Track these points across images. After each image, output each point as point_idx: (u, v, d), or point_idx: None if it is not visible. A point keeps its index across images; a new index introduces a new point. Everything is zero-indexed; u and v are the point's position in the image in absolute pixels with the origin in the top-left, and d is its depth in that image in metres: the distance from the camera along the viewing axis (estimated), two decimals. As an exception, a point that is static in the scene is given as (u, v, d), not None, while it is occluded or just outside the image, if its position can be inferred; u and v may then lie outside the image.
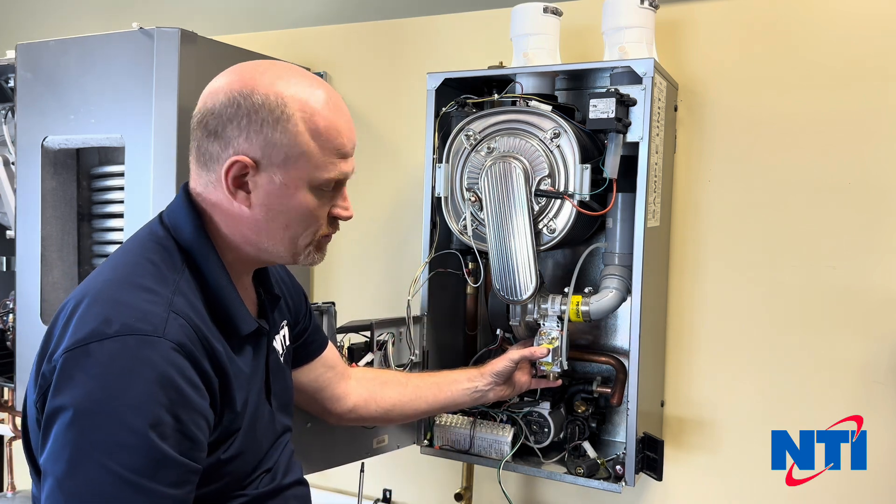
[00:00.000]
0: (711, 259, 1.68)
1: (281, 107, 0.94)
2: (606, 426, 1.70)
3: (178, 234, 0.99)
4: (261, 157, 0.95)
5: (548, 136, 1.45)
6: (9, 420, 2.33)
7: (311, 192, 0.99)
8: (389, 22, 2.05)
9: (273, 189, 0.97)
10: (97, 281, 0.94)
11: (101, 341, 0.84)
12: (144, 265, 0.95)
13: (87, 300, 0.90)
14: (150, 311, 0.88)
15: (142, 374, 0.84)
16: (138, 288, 0.91)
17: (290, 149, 0.95)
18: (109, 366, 0.83)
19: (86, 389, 0.83)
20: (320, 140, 0.97)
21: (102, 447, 0.81)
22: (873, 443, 1.55)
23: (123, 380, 0.83)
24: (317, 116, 0.96)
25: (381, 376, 1.43)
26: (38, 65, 1.80)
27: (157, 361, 0.85)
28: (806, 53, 1.59)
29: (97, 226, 1.90)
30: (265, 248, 1.01)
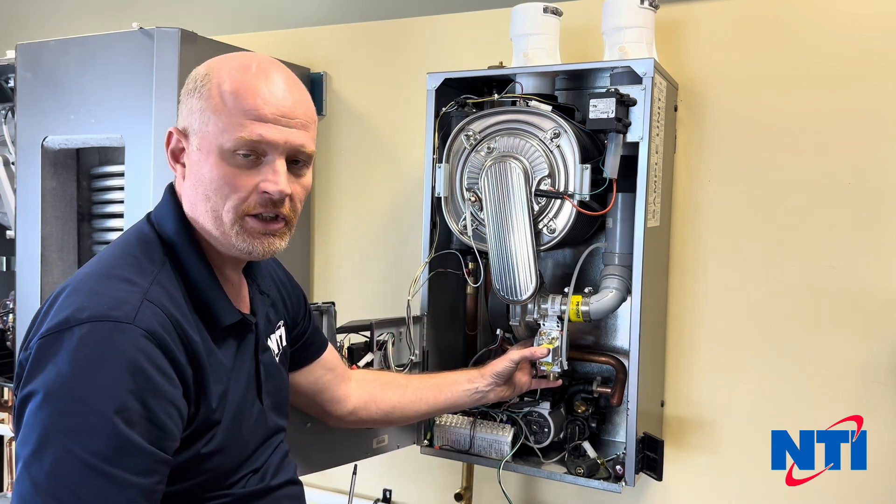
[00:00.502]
0: (711, 259, 1.68)
1: (205, 76, 0.97)
2: (606, 426, 1.70)
3: (161, 228, 1.01)
4: (186, 126, 0.98)
5: (548, 136, 1.45)
6: (9, 420, 2.33)
7: (223, 158, 0.95)
8: (389, 22, 2.05)
9: (194, 157, 0.97)
10: (79, 273, 0.95)
11: (72, 328, 0.85)
12: (125, 258, 0.96)
13: (66, 291, 0.91)
14: (123, 300, 0.88)
15: (111, 359, 0.84)
16: (116, 279, 0.92)
17: (202, 113, 0.96)
18: (79, 351, 0.84)
19: (55, 374, 0.83)
20: (230, 99, 0.94)
21: (68, 431, 0.81)
22: (873, 443, 1.55)
23: (92, 365, 0.83)
24: (232, 79, 0.95)
25: (380, 378, 1.43)
26: (38, 65, 1.80)
27: (126, 347, 0.85)
28: (806, 53, 1.59)
29: (97, 226, 1.91)
30: (200, 226, 0.99)
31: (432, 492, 1.99)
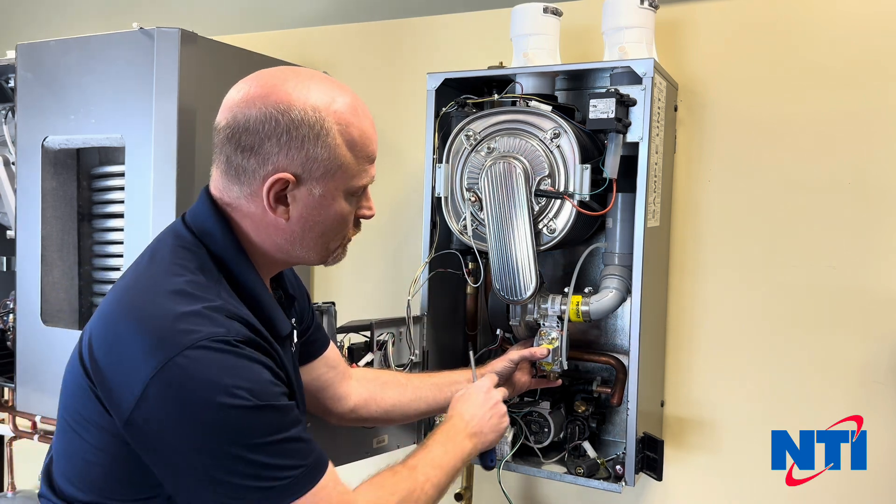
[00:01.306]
0: (711, 259, 1.68)
1: (320, 122, 0.95)
2: (606, 426, 1.70)
3: (208, 241, 0.99)
4: (301, 172, 0.96)
5: (548, 136, 1.45)
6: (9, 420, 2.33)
7: (345, 200, 1.01)
8: (389, 22, 2.05)
9: (312, 201, 0.98)
10: (136, 299, 0.92)
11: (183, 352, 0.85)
12: (183, 275, 0.94)
13: (134, 320, 0.89)
14: (214, 319, 0.89)
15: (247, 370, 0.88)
16: (186, 297, 0.91)
17: (329, 162, 0.97)
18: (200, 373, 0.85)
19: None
20: (355, 150, 0.99)
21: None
22: (873, 443, 1.55)
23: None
24: (351, 127, 0.98)
25: (381, 377, 1.43)
26: (38, 65, 1.80)
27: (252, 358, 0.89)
28: (806, 53, 1.60)
29: (97, 226, 1.90)
30: (297, 254, 1.03)
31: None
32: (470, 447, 1.22)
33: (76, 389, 0.94)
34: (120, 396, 0.87)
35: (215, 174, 1.01)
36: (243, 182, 0.97)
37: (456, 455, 1.18)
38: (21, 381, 1.89)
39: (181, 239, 1.00)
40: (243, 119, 0.95)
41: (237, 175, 0.97)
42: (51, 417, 1.95)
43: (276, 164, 0.95)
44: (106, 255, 1.88)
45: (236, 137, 0.95)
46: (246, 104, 0.95)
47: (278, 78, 0.97)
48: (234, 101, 0.97)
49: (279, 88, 0.95)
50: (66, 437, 0.96)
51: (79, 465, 0.94)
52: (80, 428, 0.93)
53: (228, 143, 0.96)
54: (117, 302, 0.93)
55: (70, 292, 1.91)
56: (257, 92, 0.96)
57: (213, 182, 1.02)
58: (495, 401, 1.31)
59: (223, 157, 0.98)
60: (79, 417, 0.93)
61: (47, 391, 1.86)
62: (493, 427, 1.28)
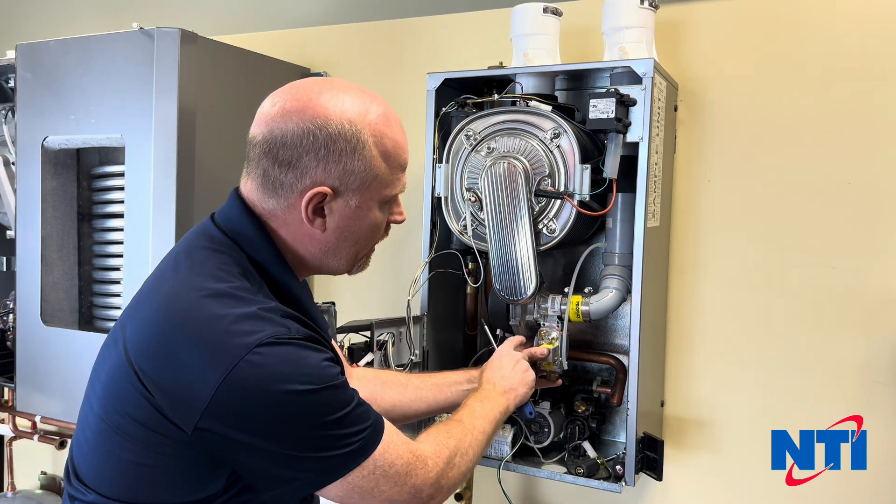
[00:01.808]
0: (711, 259, 1.68)
1: (356, 135, 0.97)
2: (606, 426, 1.70)
3: (246, 245, 1.01)
4: (339, 185, 0.98)
5: (548, 136, 1.45)
6: (9, 420, 2.33)
7: (379, 210, 1.04)
8: (389, 22, 2.05)
9: (348, 212, 1.01)
10: (188, 306, 0.93)
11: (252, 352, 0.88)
12: (229, 280, 0.95)
13: (192, 328, 0.90)
14: (272, 319, 0.92)
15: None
16: (239, 301, 0.93)
17: (365, 174, 0.99)
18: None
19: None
20: (389, 160, 1.01)
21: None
22: (873, 443, 1.55)
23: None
24: (385, 138, 1.00)
25: (381, 376, 1.43)
26: (38, 65, 1.80)
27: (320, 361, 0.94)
28: (806, 53, 1.59)
29: (97, 226, 1.90)
30: (328, 263, 1.06)
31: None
32: (505, 402, 1.31)
33: (123, 396, 0.93)
34: (187, 404, 0.88)
35: (250, 185, 1.02)
36: (280, 195, 0.99)
37: (494, 409, 1.26)
38: (21, 381, 1.89)
39: (216, 241, 1.01)
40: (280, 134, 0.96)
41: (274, 189, 0.99)
42: (51, 417, 1.96)
43: (315, 178, 0.97)
44: (106, 255, 1.88)
45: (274, 152, 0.97)
46: (283, 118, 0.97)
47: (313, 91, 0.98)
48: (270, 115, 0.98)
49: (315, 102, 0.97)
50: (104, 437, 0.96)
51: (120, 466, 0.94)
52: (128, 430, 0.93)
53: (266, 158, 0.98)
54: (165, 309, 0.93)
55: (70, 292, 1.91)
56: (293, 106, 0.97)
57: (248, 191, 1.02)
58: (517, 358, 1.40)
59: (260, 171, 0.99)
60: (126, 420, 0.93)
61: (47, 391, 1.86)
62: (521, 381, 1.37)
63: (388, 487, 0.97)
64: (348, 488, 0.95)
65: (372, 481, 0.96)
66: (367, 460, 0.95)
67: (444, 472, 1.06)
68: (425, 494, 1.02)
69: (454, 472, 1.08)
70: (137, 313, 0.96)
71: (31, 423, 2.21)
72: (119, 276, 1.82)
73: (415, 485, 1.01)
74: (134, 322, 0.96)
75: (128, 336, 0.94)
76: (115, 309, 1.84)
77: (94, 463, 0.97)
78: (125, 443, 0.93)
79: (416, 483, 1.01)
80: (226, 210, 1.04)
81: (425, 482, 1.02)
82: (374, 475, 0.96)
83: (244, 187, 1.03)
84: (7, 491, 2.48)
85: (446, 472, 1.07)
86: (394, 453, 0.98)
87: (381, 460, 0.96)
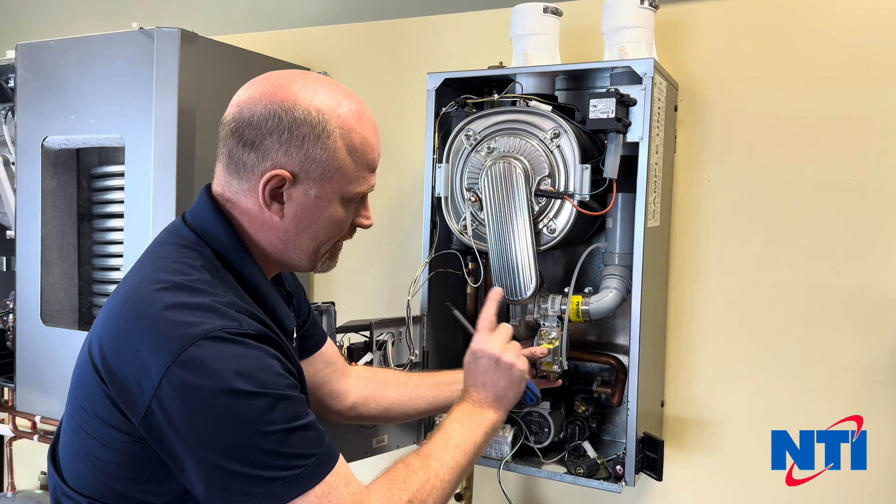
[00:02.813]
0: (711, 259, 1.68)
1: (322, 123, 0.96)
2: (606, 426, 1.70)
3: (211, 240, 1.00)
4: (299, 171, 0.97)
5: (548, 136, 1.45)
6: (9, 420, 2.33)
7: (341, 205, 1.02)
8: (389, 22, 2.05)
9: (307, 202, 0.99)
10: (143, 298, 0.91)
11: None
12: (189, 273, 0.94)
13: (143, 317, 0.89)
14: (225, 312, 0.90)
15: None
16: (194, 292, 0.91)
17: (327, 164, 0.98)
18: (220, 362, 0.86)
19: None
20: (355, 156, 1.00)
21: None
22: (873, 443, 1.55)
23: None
24: (353, 133, 0.99)
25: (380, 375, 1.43)
26: (38, 65, 1.80)
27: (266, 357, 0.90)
28: (806, 53, 1.60)
29: (97, 226, 1.90)
30: (288, 255, 1.04)
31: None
32: (493, 417, 1.18)
33: (88, 391, 0.94)
34: (135, 394, 0.87)
35: (218, 168, 1.02)
36: (242, 177, 0.99)
37: (476, 431, 1.14)
38: (21, 381, 1.89)
39: (183, 238, 1.01)
40: (248, 114, 0.97)
41: (237, 169, 0.99)
42: (51, 417, 1.95)
43: (275, 161, 0.96)
44: (106, 255, 1.88)
45: (240, 132, 0.97)
46: (252, 101, 0.97)
47: (287, 78, 0.99)
48: (242, 99, 0.99)
49: (286, 88, 0.97)
50: (77, 437, 0.96)
51: (92, 464, 0.94)
52: (92, 428, 0.93)
53: (232, 137, 0.98)
54: (123, 302, 0.93)
55: (70, 292, 1.91)
56: (265, 90, 0.97)
57: (216, 177, 1.03)
58: (497, 353, 1.20)
59: (226, 151, 1.00)
60: (90, 417, 0.93)
61: (47, 391, 1.86)
62: (507, 383, 1.19)
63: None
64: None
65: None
66: (309, 494, 0.87)
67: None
68: None
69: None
70: (102, 311, 0.97)
71: (31, 423, 2.21)
72: (119, 276, 1.82)
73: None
74: (98, 318, 0.96)
75: (92, 332, 0.95)
76: (115, 309, 1.84)
77: (68, 460, 0.98)
78: (90, 440, 0.93)
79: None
80: (195, 207, 1.04)
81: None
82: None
83: (215, 177, 1.04)
84: (7, 491, 2.48)
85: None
86: (336, 499, 0.89)
87: (324, 501, 0.88)
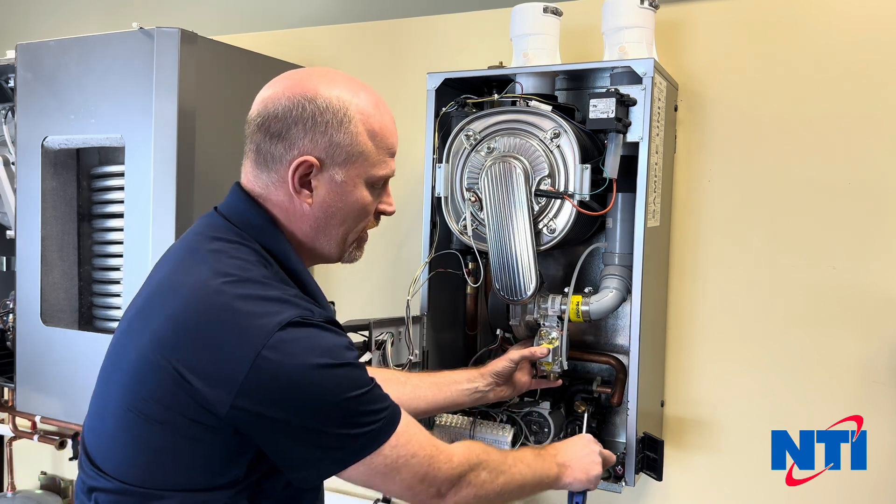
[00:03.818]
0: (711, 259, 1.68)
1: (343, 110, 1.02)
2: (606, 426, 1.70)
3: (256, 234, 1.04)
4: (325, 157, 1.03)
5: (548, 136, 1.45)
6: (9, 420, 2.33)
7: (366, 189, 1.07)
8: (389, 22, 2.05)
9: (334, 187, 1.05)
10: (214, 293, 0.95)
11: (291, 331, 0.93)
12: (249, 269, 0.99)
13: (222, 312, 0.93)
14: (296, 303, 0.97)
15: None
16: (263, 286, 0.97)
17: (351, 148, 1.03)
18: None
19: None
20: (376, 140, 1.06)
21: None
22: (873, 443, 1.55)
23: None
24: (372, 119, 1.05)
25: (379, 374, 1.41)
26: (38, 65, 1.80)
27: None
28: (806, 53, 1.60)
29: (97, 226, 1.90)
30: (319, 243, 1.09)
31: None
32: (556, 471, 1.27)
33: (153, 384, 0.94)
34: (221, 387, 0.91)
35: (246, 165, 1.07)
36: (271, 168, 1.04)
37: (542, 468, 1.24)
38: (21, 381, 1.89)
39: (230, 233, 1.04)
40: (273, 108, 1.02)
41: (266, 162, 1.04)
42: (51, 417, 1.95)
43: (302, 148, 1.02)
44: (106, 255, 1.88)
45: (266, 125, 1.02)
46: (276, 96, 1.03)
47: (306, 73, 1.06)
48: (266, 96, 1.04)
49: (307, 81, 1.04)
50: (128, 425, 0.97)
51: (145, 453, 0.96)
52: (158, 416, 0.94)
53: (259, 132, 1.04)
54: (193, 300, 0.95)
55: (70, 292, 1.91)
56: (286, 84, 1.04)
57: (245, 174, 1.08)
58: (594, 450, 1.34)
59: (253, 146, 1.05)
60: (156, 407, 0.94)
61: (47, 391, 1.86)
62: (583, 467, 1.30)
63: (409, 475, 1.01)
64: (371, 471, 0.98)
65: (394, 466, 0.99)
66: (390, 442, 0.98)
67: (467, 476, 1.08)
68: (444, 489, 1.06)
69: (478, 480, 1.10)
70: (161, 306, 0.98)
71: (31, 423, 2.21)
72: (119, 276, 1.82)
73: (435, 476, 1.04)
74: (160, 315, 0.97)
75: (154, 329, 0.96)
76: (115, 309, 1.84)
77: (114, 451, 0.99)
78: (153, 429, 0.95)
79: (437, 475, 1.04)
80: (231, 203, 1.08)
81: (447, 477, 1.06)
82: (398, 462, 0.99)
83: (243, 174, 1.08)
84: (7, 491, 2.48)
85: (470, 477, 1.09)
86: (417, 443, 1.02)
87: (405, 449, 1.00)
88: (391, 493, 1.05)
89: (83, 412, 1.07)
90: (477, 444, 1.15)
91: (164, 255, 1.08)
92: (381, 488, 1.04)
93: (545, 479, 1.25)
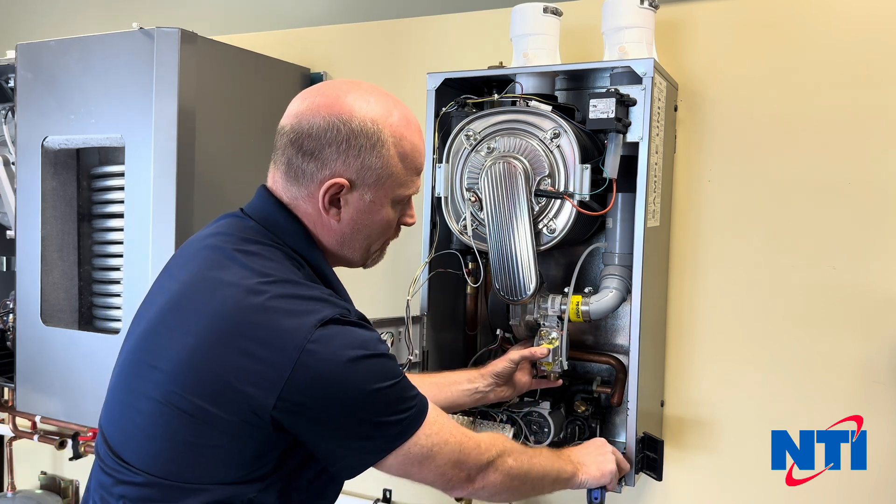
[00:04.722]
0: (711, 259, 1.68)
1: (377, 133, 1.06)
2: (606, 426, 1.70)
3: (286, 236, 1.08)
4: (356, 179, 1.07)
5: (548, 136, 1.45)
6: (9, 420, 2.33)
7: (391, 207, 1.12)
8: (389, 22, 2.05)
9: (362, 206, 1.09)
10: (254, 295, 0.98)
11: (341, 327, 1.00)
12: (284, 272, 1.03)
13: (263, 313, 0.96)
14: (333, 302, 1.02)
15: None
16: (300, 286, 1.02)
17: (381, 171, 1.07)
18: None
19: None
20: (406, 162, 1.10)
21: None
22: (873, 443, 1.55)
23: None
24: (404, 141, 1.09)
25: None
26: (38, 65, 1.80)
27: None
28: (806, 53, 1.59)
29: (97, 226, 1.90)
30: (344, 254, 1.14)
31: (432, 491, 1.99)
32: (572, 469, 1.32)
33: (193, 380, 0.96)
34: (266, 384, 0.94)
35: (276, 174, 1.10)
36: (302, 184, 1.07)
37: (559, 465, 1.29)
38: (21, 381, 1.89)
39: (260, 235, 1.07)
40: (307, 125, 1.05)
41: (297, 177, 1.07)
42: (51, 417, 1.96)
43: (334, 170, 1.05)
44: (106, 255, 1.88)
45: (299, 142, 1.05)
46: (311, 112, 1.05)
47: (341, 90, 1.07)
48: (301, 110, 1.07)
49: (342, 99, 1.06)
50: (162, 420, 0.98)
51: (178, 447, 0.97)
52: (197, 412, 0.95)
53: (291, 146, 1.06)
54: (232, 301, 0.97)
55: (70, 292, 1.91)
56: (321, 102, 1.06)
57: (273, 181, 1.11)
58: (606, 450, 1.39)
59: (284, 159, 1.08)
60: (196, 403, 0.95)
61: (47, 391, 1.86)
62: (597, 464, 1.35)
63: (443, 461, 1.06)
64: (408, 460, 1.03)
65: (430, 454, 1.04)
66: (423, 429, 1.03)
67: (495, 461, 1.13)
68: (474, 473, 1.10)
69: (504, 465, 1.15)
70: (198, 305, 0.99)
71: (31, 423, 2.21)
72: (119, 276, 1.82)
73: (466, 461, 1.09)
74: (198, 314, 0.99)
75: (194, 328, 0.97)
76: (115, 309, 1.84)
77: (144, 445, 0.99)
78: (191, 424, 0.96)
79: (467, 460, 1.09)
80: (259, 205, 1.10)
81: (476, 462, 1.11)
82: (433, 449, 1.04)
83: (270, 178, 1.11)
84: (7, 491, 2.48)
85: (497, 462, 1.13)
86: (447, 430, 1.07)
87: (438, 437, 1.05)
88: (426, 480, 1.09)
89: (83, 412, 1.07)
90: (500, 435, 1.21)
91: (184, 253, 1.10)
92: (417, 476, 1.07)
93: (562, 474, 1.29)
